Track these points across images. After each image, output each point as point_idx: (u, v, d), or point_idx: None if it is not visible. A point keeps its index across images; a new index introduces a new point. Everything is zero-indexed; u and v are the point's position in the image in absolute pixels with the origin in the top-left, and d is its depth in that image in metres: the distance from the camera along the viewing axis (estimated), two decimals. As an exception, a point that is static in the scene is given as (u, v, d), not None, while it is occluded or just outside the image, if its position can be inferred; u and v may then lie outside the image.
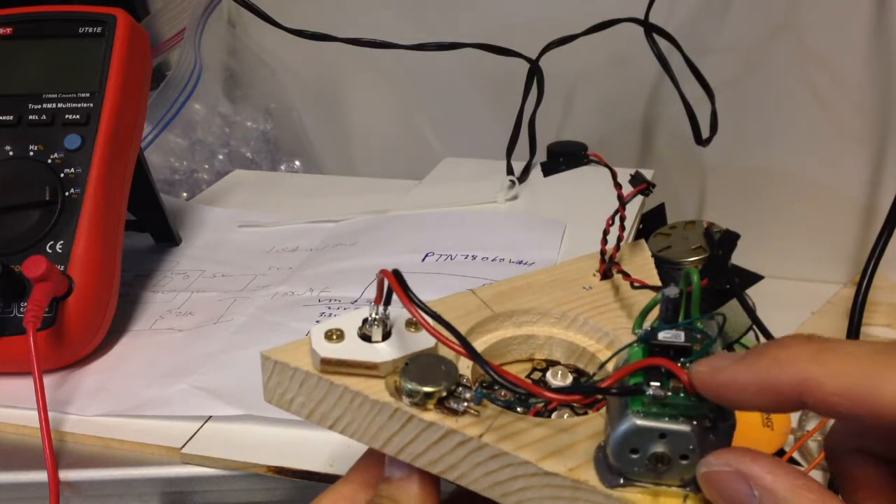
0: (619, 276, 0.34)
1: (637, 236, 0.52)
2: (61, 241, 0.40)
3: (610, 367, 0.30)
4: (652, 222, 0.59)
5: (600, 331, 0.32)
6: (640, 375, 0.23)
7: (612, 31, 0.56)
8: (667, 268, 0.55)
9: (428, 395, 0.25)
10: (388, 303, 0.27)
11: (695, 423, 0.23)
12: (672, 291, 0.25)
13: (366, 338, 0.27)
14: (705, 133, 0.58)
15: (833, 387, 0.20)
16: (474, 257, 0.46)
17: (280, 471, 0.32)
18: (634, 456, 0.23)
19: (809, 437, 0.51)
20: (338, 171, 0.80)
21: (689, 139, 0.58)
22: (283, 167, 0.77)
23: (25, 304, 0.37)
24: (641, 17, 0.57)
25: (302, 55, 0.75)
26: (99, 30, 0.44)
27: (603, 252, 0.35)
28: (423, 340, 0.27)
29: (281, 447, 0.33)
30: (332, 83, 0.78)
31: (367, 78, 0.76)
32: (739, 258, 0.58)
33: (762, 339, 0.57)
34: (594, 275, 0.35)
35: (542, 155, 0.62)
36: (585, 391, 0.24)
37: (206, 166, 0.72)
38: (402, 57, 0.56)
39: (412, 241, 0.49)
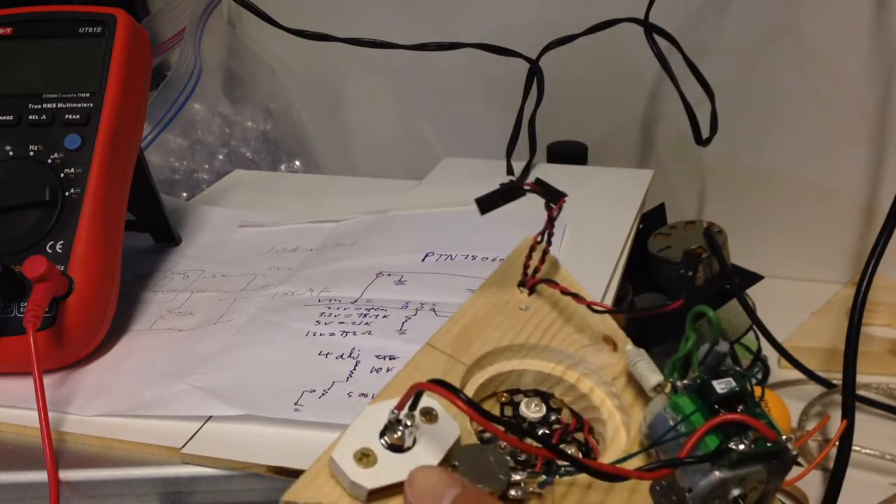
0: (545, 288, 0.35)
1: (637, 236, 0.52)
2: (61, 241, 0.40)
3: (630, 406, 0.30)
4: (652, 222, 0.59)
5: (561, 353, 0.33)
6: (715, 433, 0.25)
7: (612, 31, 0.56)
8: (667, 268, 0.55)
9: (492, 494, 0.25)
10: (414, 407, 0.25)
11: (766, 461, 0.25)
12: (723, 347, 0.27)
13: (396, 448, 0.25)
14: (705, 133, 0.58)
15: None
16: (474, 257, 0.46)
17: (280, 471, 0.32)
18: (715, 502, 0.25)
19: (809, 437, 0.51)
20: (338, 171, 0.80)
21: (689, 139, 0.58)
22: (283, 167, 0.76)
23: (25, 304, 0.37)
24: (641, 17, 0.57)
25: (302, 55, 0.75)
26: (99, 30, 0.44)
27: (526, 266, 0.35)
28: (448, 429, 0.26)
29: (281, 447, 0.33)
30: (332, 83, 0.78)
31: (367, 78, 0.76)
32: (739, 258, 0.58)
33: (762, 339, 0.57)
34: (521, 291, 0.35)
35: (542, 155, 0.62)
36: (674, 464, 0.25)
37: (206, 166, 0.72)
38: (402, 57, 0.56)
39: (412, 241, 0.49)
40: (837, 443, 0.45)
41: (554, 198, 0.33)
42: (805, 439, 0.50)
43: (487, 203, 0.32)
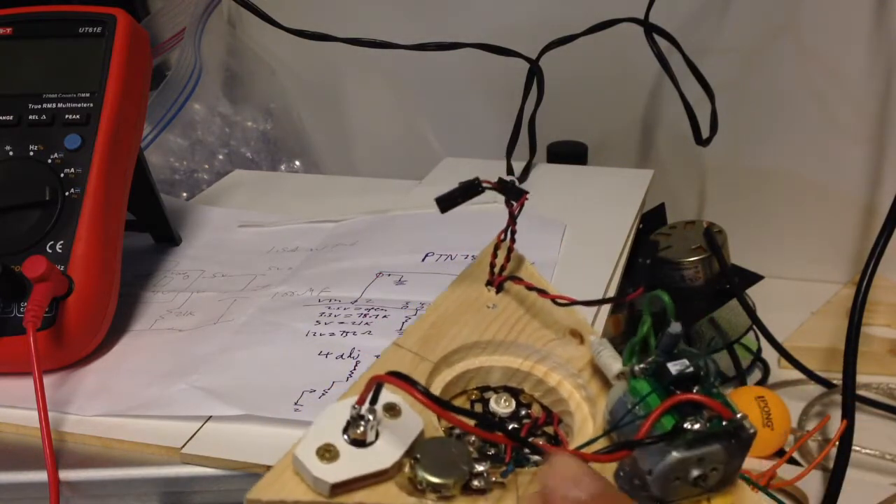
0: (513, 286, 0.35)
1: (637, 236, 0.52)
2: (61, 241, 0.40)
3: (596, 396, 0.30)
4: (652, 222, 0.59)
5: (529, 348, 0.33)
6: (671, 413, 0.25)
7: (612, 31, 0.56)
8: (667, 268, 0.55)
9: (454, 484, 0.25)
10: (374, 401, 0.25)
11: (723, 440, 0.25)
12: (675, 328, 0.27)
13: (358, 442, 0.25)
14: (705, 133, 0.58)
15: None
16: (474, 257, 0.46)
17: (280, 471, 0.32)
18: (676, 482, 0.25)
19: (809, 437, 0.51)
20: (338, 171, 0.80)
21: (689, 139, 0.58)
22: (283, 167, 0.77)
23: (25, 304, 0.37)
24: (641, 17, 0.57)
25: (302, 55, 0.75)
26: (99, 30, 0.44)
27: (492, 265, 0.36)
28: (411, 423, 0.26)
29: (281, 447, 0.33)
30: (332, 83, 0.78)
31: (367, 78, 0.76)
32: (739, 258, 0.58)
33: (762, 339, 0.57)
34: (489, 289, 0.36)
35: (542, 155, 0.62)
36: (631, 445, 0.25)
37: (206, 166, 0.72)
38: (402, 57, 0.56)
39: (412, 241, 0.49)
40: (837, 443, 0.45)
41: (514, 196, 0.33)
42: (805, 439, 0.50)
43: (447, 202, 0.32)
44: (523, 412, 0.32)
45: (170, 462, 0.34)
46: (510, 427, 0.31)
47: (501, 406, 0.32)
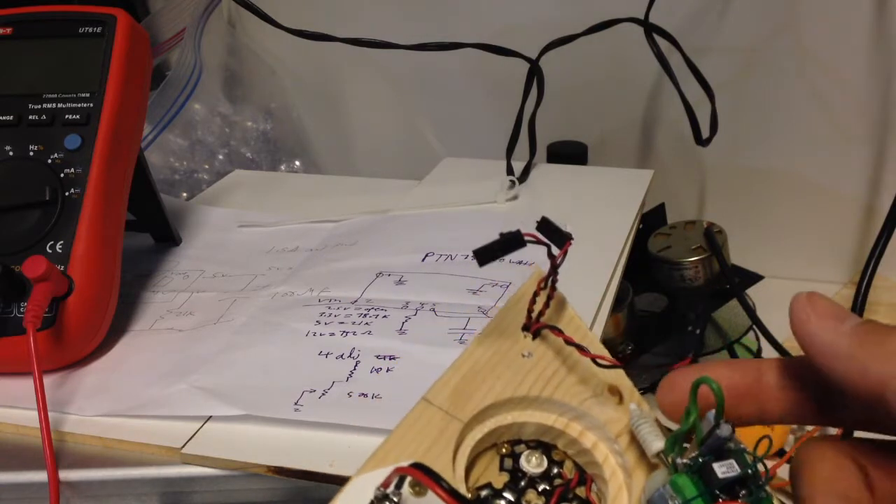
0: (550, 333, 0.33)
1: (637, 236, 0.52)
2: (61, 241, 0.40)
3: (632, 468, 0.30)
4: (652, 222, 0.59)
5: (564, 406, 0.31)
6: None
7: (612, 31, 0.56)
8: (667, 268, 0.55)
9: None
10: (400, 486, 0.24)
11: None
12: (725, 431, 0.25)
13: None
14: (705, 133, 0.58)
15: None
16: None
17: (280, 471, 0.32)
18: None
19: (809, 437, 0.51)
20: (338, 171, 0.80)
21: (689, 139, 0.58)
22: (283, 167, 0.77)
23: (25, 304, 0.38)
24: (641, 17, 0.57)
25: (302, 55, 0.75)
26: (99, 30, 0.44)
27: (530, 311, 0.34)
28: (438, 501, 0.25)
29: (281, 447, 0.33)
30: (332, 83, 0.78)
31: (367, 78, 0.76)
32: (739, 258, 0.58)
33: (762, 339, 0.57)
34: (525, 335, 0.34)
35: (542, 155, 0.62)
36: None
37: (206, 166, 0.72)
38: (402, 57, 0.56)
39: (412, 241, 0.49)
40: (837, 443, 0.45)
41: (559, 242, 0.31)
42: (804, 439, 0.50)
43: (486, 254, 0.31)
44: (555, 471, 0.31)
45: (170, 462, 0.34)
46: (541, 488, 0.30)
47: (532, 465, 0.30)
